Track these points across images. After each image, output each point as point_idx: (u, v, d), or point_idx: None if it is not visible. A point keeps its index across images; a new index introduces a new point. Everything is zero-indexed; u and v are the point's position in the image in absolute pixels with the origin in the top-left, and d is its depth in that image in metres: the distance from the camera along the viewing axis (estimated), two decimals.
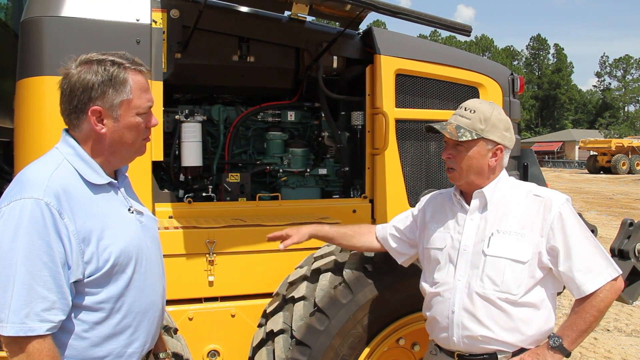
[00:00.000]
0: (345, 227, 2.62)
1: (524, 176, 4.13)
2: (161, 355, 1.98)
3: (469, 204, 2.19)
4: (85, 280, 1.57)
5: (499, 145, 2.13)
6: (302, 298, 2.66)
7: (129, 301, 1.66)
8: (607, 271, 2.00)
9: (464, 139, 2.08)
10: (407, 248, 2.47)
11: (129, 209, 1.75)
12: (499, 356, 2.07)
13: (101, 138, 1.66)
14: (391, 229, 2.51)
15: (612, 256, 3.18)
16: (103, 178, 1.67)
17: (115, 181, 1.75)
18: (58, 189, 1.54)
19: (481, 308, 2.06)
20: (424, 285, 2.29)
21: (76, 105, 1.63)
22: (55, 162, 1.61)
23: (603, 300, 1.98)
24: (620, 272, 2.03)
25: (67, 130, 1.70)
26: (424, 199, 2.48)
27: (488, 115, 2.10)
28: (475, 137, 2.09)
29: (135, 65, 1.69)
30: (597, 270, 1.99)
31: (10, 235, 1.48)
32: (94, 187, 1.65)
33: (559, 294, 2.22)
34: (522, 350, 2.07)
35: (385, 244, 2.52)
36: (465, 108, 2.15)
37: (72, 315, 1.57)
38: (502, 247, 2.06)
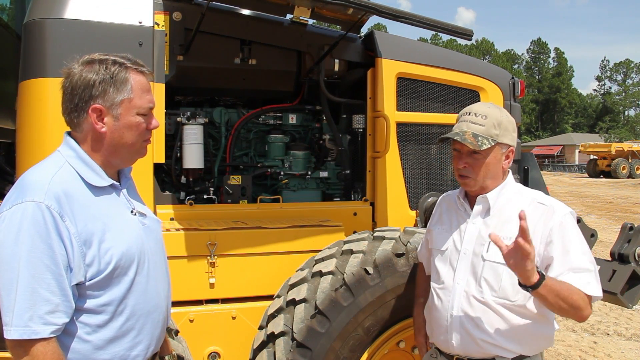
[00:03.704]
0: (421, 299, 2.49)
1: (525, 180, 4.14)
2: (167, 358, 1.97)
3: (472, 207, 2.18)
4: (87, 283, 1.57)
5: (511, 147, 2.13)
6: (303, 300, 2.67)
7: (132, 303, 1.66)
8: (589, 287, 1.92)
9: (485, 147, 2.05)
10: None
11: (132, 211, 1.74)
12: None
13: (101, 137, 1.66)
14: (424, 254, 2.46)
15: (612, 260, 3.21)
16: (104, 180, 1.67)
17: (117, 183, 1.74)
18: (59, 191, 1.53)
19: (479, 312, 2.06)
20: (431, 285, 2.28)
21: (77, 103, 1.63)
22: (57, 165, 1.61)
23: (576, 301, 1.89)
24: (601, 296, 1.96)
25: (69, 133, 1.70)
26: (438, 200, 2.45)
27: (500, 119, 2.08)
28: (493, 144, 2.07)
29: (136, 66, 1.69)
30: (584, 281, 1.94)
31: (12, 239, 1.48)
32: (96, 190, 1.64)
33: None
34: (521, 357, 2.04)
35: (427, 266, 2.45)
36: (476, 114, 2.10)
37: (74, 318, 1.57)
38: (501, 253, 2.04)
